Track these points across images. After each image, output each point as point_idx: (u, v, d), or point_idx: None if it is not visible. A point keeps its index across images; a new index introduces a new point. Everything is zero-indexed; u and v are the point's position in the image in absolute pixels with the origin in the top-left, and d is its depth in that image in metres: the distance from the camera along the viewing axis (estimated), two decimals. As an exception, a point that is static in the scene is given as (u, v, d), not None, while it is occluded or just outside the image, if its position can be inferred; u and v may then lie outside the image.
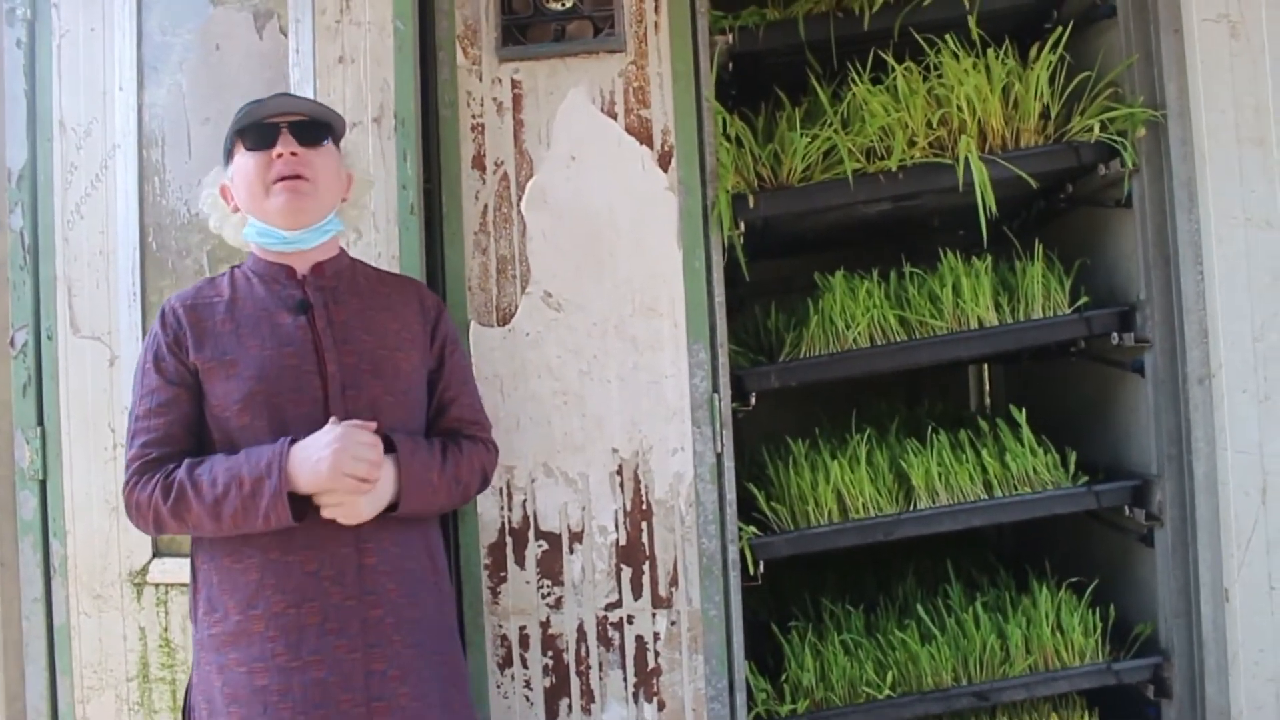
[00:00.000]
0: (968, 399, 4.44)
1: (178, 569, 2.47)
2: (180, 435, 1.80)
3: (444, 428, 1.95)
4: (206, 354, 1.79)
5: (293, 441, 1.72)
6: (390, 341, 1.88)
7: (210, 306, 1.85)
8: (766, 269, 2.77)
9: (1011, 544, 3.42)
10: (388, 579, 1.78)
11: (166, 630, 2.49)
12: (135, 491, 1.76)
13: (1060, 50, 2.55)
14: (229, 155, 1.90)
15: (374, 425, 1.76)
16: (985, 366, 4.19)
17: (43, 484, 2.50)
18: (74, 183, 2.54)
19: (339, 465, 1.67)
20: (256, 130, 1.83)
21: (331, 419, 1.74)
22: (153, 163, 2.52)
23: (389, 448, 1.79)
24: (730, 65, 2.74)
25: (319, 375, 1.79)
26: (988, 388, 4.49)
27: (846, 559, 3.30)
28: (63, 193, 2.55)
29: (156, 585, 2.49)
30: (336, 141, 1.95)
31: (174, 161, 2.52)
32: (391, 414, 1.83)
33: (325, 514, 1.72)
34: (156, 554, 2.48)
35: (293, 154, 1.82)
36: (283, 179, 1.81)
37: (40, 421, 2.50)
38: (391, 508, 1.79)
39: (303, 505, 1.72)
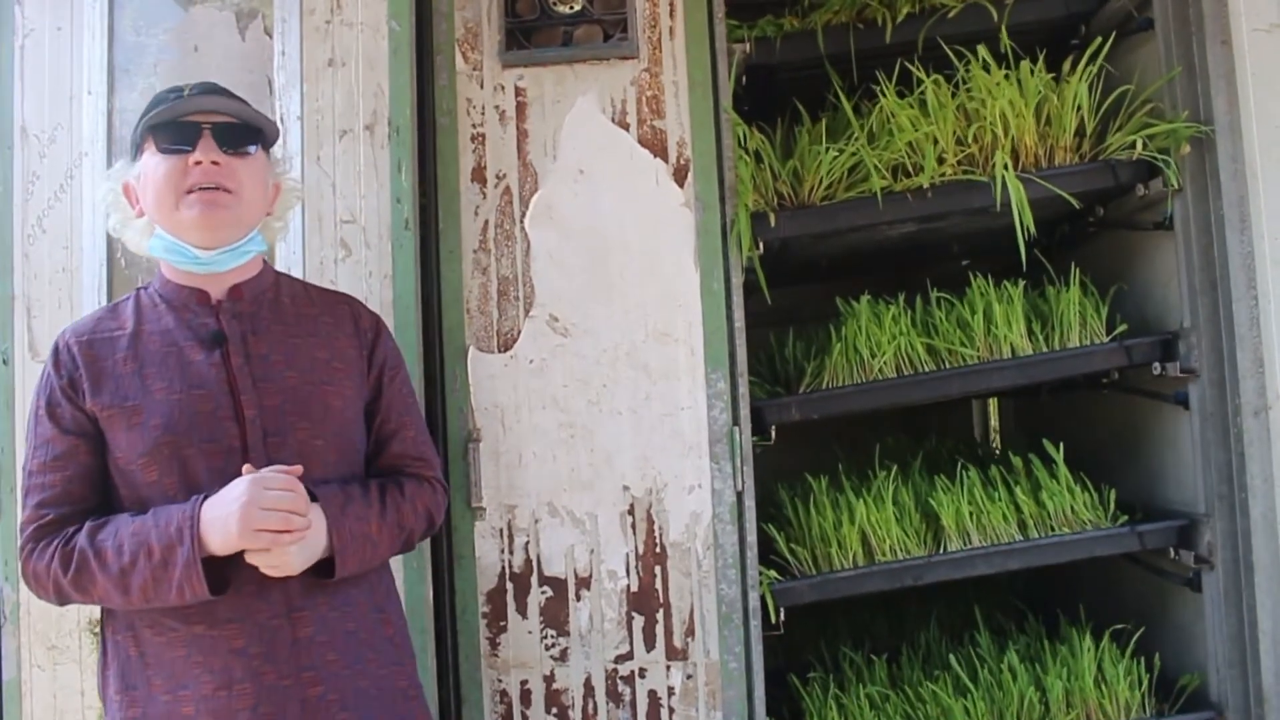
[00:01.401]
0: (971, 433, 4.29)
1: (143, 618, 2.25)
2: (81, 492, 1.54)
3: (384, 466, 1.72)
4: (105, 399, 1.54)
5: (206, 498, 1.49)
6: (318, 374, 1.63)
7: (110, 342, 1.58)
8: (773, 296, 2.60)
9: (1031, 586, 3.24)
10: (327, 649, 1.55)
11: (129, 686, 2.25)
12: (32, 560, 1.52)
13: (1099, 61, 2.41)
14: (138, 149, 1.63)
15: (295, 470, 1.52)
16: (992, 399, 4.04)
17: (-7, 523, 2.27)
18: (36, 194, 2.33)
19: (248, 522, 1.44)
20: (174, 129, 1.58)
21: (246, 467, 1.50)
22: (123, 173, 2.32)
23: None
24: (744, 79, 2.58)
25: (235, 421, 1.55)
26: (993, 421, 4.34)
27: (857, 603, 3.11)
28: (23, 205, 2.33)
29: (118, 636, 2.25)
30: (267, 148, 1.71)
31: (146, 172, 2.32)
32: (322, 459, 1.60)
33: (252, 561, 1.49)
34: (119, 602, 2.24)
35: (214, 163, 1.58)
36: (200, 189, 1.57)
37: (-8, 454, 2.27)
38: (328, 569, 1.56)
39: (221, 576, 1.49)
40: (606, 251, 2.30)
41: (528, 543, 2.29)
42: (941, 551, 2.45)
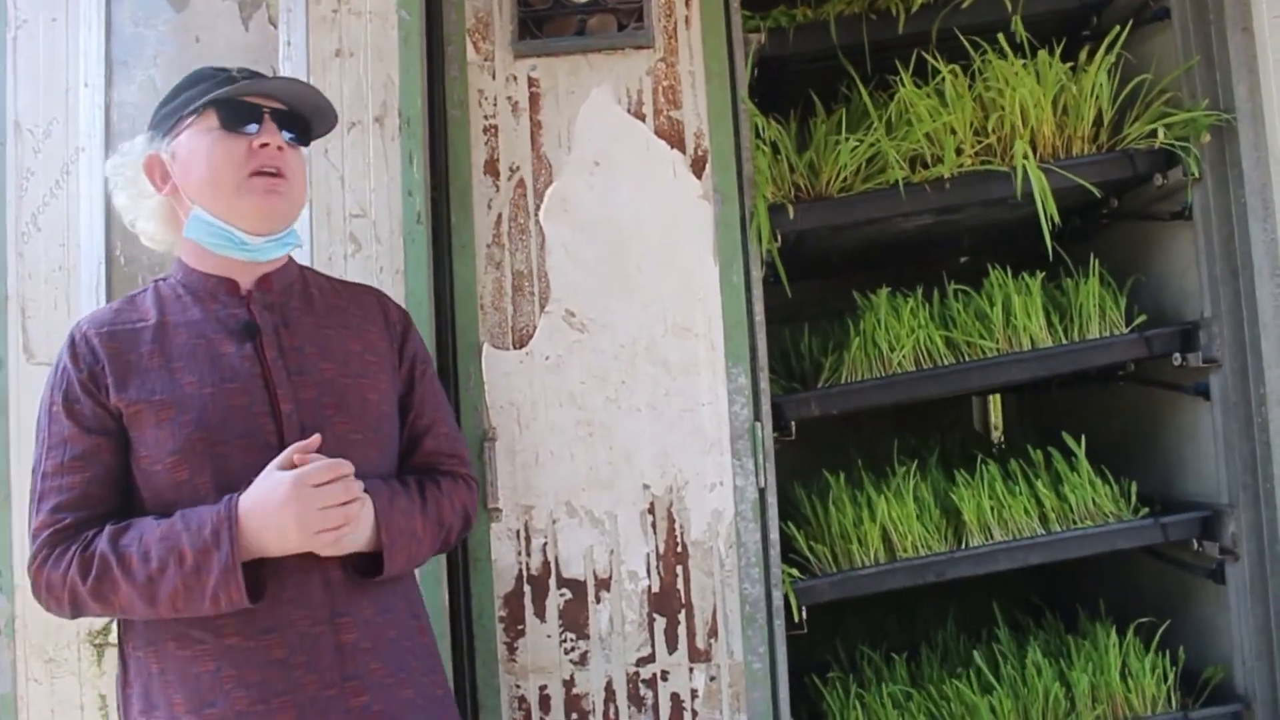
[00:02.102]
0: (972, 429, 4.27)
1: (148, 628, 2.17)
2: (101, 495, 1.44)
3: (417, 464, 1.65)
4: (131, 393, 1.44)
5: (238, 498, 1.40)
6: (353, 367, 1.56)
7: (132, 334, 1.48)
8: (781, 292, 2.57)
9: (1048, 582, 3.22)
10: (371, 657, 1.47)
11: (133, 698, 2.18)
12: (45, 569, 1.41)
13: (1116, 49, 2.39)
14: (170, 123, 1.54)
15: (318, 440, 1.43)
16: (994, 394, 4.02)
17: (-10, 532, 2.19)
18: (30, 190, 2.25)
19: (307, 527, 1.36)
20: (238, 106, 1.51)
21: (271, 465, 1.40)
22: (122, 168, 2.25)
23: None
24: (755, 71, 2.54)
25: (272, 416, 1.47)
26: (993, 417, 4.33)
27: (870, 601, 3.07)
28: (17, 202, 2.25)
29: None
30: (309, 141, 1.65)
31: (146, 166, 2.25)
32: (361, 455, 1.50)
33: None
34: (123, 611, 2.17)
35: (279, 148, 1.52)
36: (262, 174, 1.50)
37: (-12, 460, 2.19)
38: (372, 568, 1.49)
39: (256, 581, 1.40)
40: (624, 244, 2.25)
41: (545, 544, 2.23)
42: (963, 547, 2.41)
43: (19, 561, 2.18)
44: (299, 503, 1.36)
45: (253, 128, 1.50)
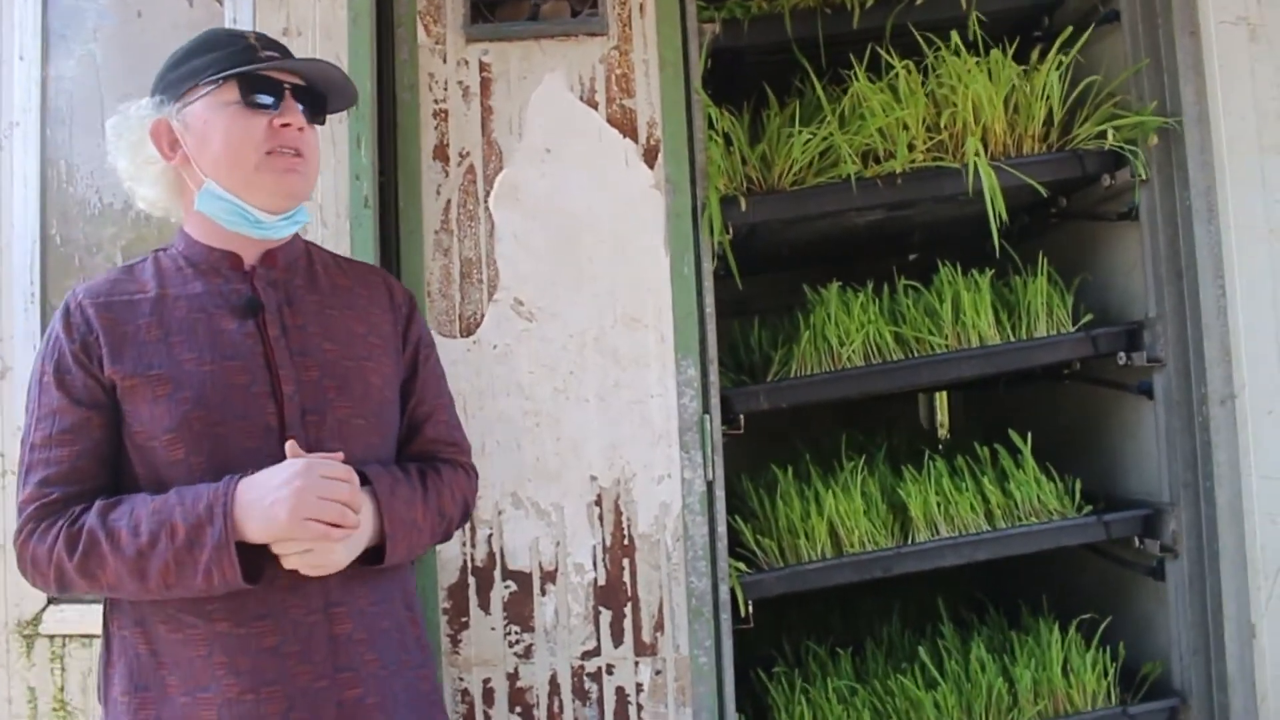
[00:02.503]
0: (918, 426, 4.30)
1: (79, 618, 2.13)
2: (90, 469, 1.39)
3: (416, 451, 1.60)
4: (127, 366, 1.39)
5: (240, 478, 1.36)
6: (356, 349, 1.51)
7: (130, 305, 1.43)
8: (731, 286, 2.55)
9: (992, 578, 3.24)
10: (365, 648, 1.43)
11: (63, 690, 2.13)
12: (31, 542, 1.36)
13: (1073, 53, 2.41)
14: (182, 89, 1.46)
15: (341, 455, 1.40)
16: (940, 392, 4.05)
17: (-87, 518, 2.12)
18: (-39, 166, 2.19)
19: (300, 509, 1.31)
20: (260, 81, 1.45)
21: (289, 444, 1.37)
22: (58, 144, 2.20)
23: (363, 481, 1.44)
24: (709, 62, 2.53)
25: (272, 397, 1.42)
26: (939, 415, 4.36)
27: (813, 596, 3.07)
28: (-53, 177, 2.18)
29: (52, 638, 2.14)
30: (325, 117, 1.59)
31: (84, 144, 2.20)
32: (362, 439, 1.47)
33: (287, 564, 1.36)
34: (53, 600, 2.12)
35: (299, 128, 1.46)
36: (279, 152, 1.44)
37: (-87, 444, 2.13)
38: (371, 557, 1.45)
39: (256, 562, 1.36)
40: (574, 233, 2.23)
41: (491, 535, 2.20)
42: (910, 543, 2.42)
43: (-55, 549, 2.12)
44: (303, 480, 1.32)
45: (273, 105, 1.45)
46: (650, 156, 2.25)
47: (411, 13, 2.26)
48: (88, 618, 2.11)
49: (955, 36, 2.43)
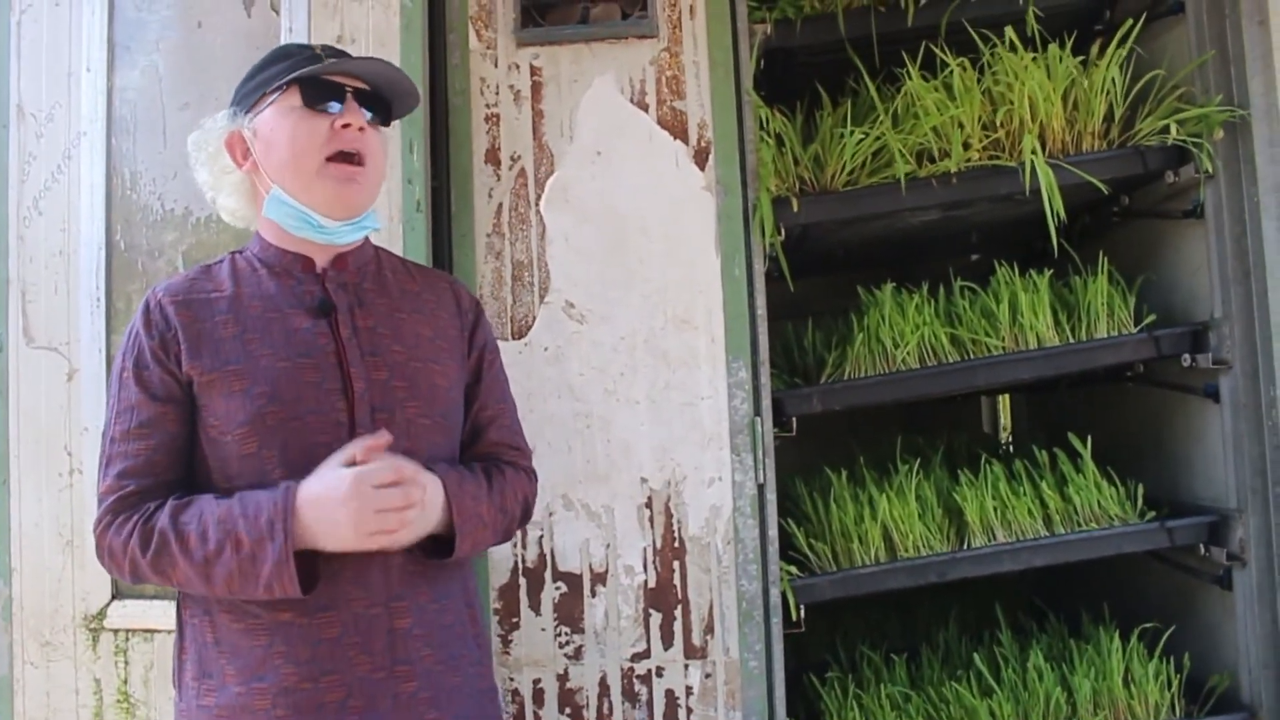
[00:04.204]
0: (980, 428, 4.23)
1: (141, 613, 2.17)
2: (165, 463, 1.43)
3: (479, 454, 1.62)
4: (204, 362, 1.43)
5: (297, 489, 1.38)
6: (424, 352, 1.54)
7: (207, 303, 1.47)
8: (784, 287, 2.54)
9: (1052, 584, 3.18)
10: (423, 644, 1.45)
11: (126, 683, 2.18)
12: (109, 534, 1.41)
13: (1129, 43, 2.35)
14: (253, 100, 1.51)
15: (388, 440, 1.40)
16: (1004, 394, 3.97)
17: (-14, 515, 2.19)
18: (32, 174, 2.26)
19: (362, 527, 1.34)
20: (322, 85, 1.49)
21: (335, 456, 1.39)
22: (123, 152, 2.25)
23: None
24: (762, 62, 2.51)
25: (343, 394, 1.45)
26: (1002, 418, 4.29)
27: (871, 601, 3.04)
28: (19, 186, 2.26)
29: (116, 631, 2.18)
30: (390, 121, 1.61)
31: (147, 151, 2.25)
32: (428, 440, 1.50)
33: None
34: (117, 595, 2.18)
35: (360, 128, 1.49)
36: (343, 159, 1.47)
37: (-15, 443, 2.19)
38: (440, 550, 1.48)
39: (311, 569, 1.39)
40: (625, 236, 2.23)
41: (541, 536, 2.21)
42: (965, 548, 2.38)
43: (16, 546, 2.19)
44: (357, 502, 1.34)
45: (335, 107, 1.48)
46: (701, 158, 2.25)
47: (463, 18, 2.28)
48: (150, 613, 2.16)
49: (1011, 32, 2.38)
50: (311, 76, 1.47)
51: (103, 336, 2.20)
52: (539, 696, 2.20)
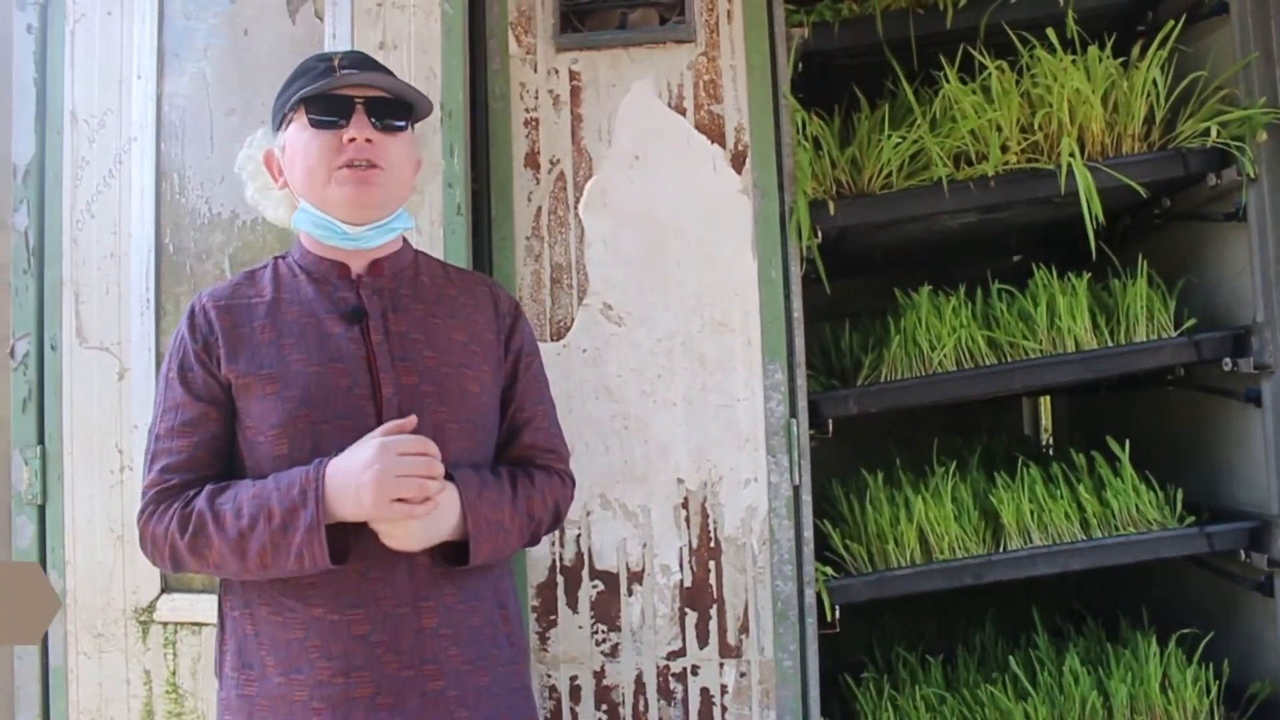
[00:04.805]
0: (1021, 431, 4.20)
1: (189, 606, 2.22)
2: (206, 460, 1.50)
3: (514, 455, 1.65)
4: (241, 366, 1.49)
5: (329, 461, 1.44)
6: (456, 357, 1.57)
7: (248, 308, 1.53)
8: (823, 289, 2.55)
9: (1090, 588, 3.16)
10: (450, 643, 1.49)
11: (175, 674, 2.23)
12: (151, 523, 1.48)
13: (1170, 44, 2.33)
14: (282, 119, 1.58)
15: (415, 421, 1.45)
16: (1044, 396, 3.94)
17: (41, 509, 2.26)
18: (85, 179, 2.32)
19: (383, 490, 1.38)
20: (327, 101, 1.52)
21: (366, 436, 1.44)
22: (172, 157, 2.30)
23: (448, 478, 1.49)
24: (800, 65, 2.52)
25: (372, 399, 1.50)
26: (1043, 420, 4.26)
27: (907, 603, 3.04)
28: (72, 190, 2.32)
29: (165, 624, 2.24)
30: (415, 123, 1.63)
31: (195, 156, 2.30)
32: (455, 445, 1.53)
33: (375, 526, 1.44)
34: (166, 589, 2.23)
35: (367, 140, 1.52)
36: (350, 166, 1.51)
37: (41, 440, 2.26)
38: (458, 557, 1.51)
39: (343, 544, 1.44)
40: (662, 239, 2.26)
41: (579, 535, 2.24)
42: (1002, 550, 2.38)
43: (70, 540, 2.25)
44: (381, 463, 1.38)
45: (341, 122, 1.51)
46: (738, 161, 2.26)
47: (503, 24, 2.31)
48: (198, 606, 2.22)
49: (1051, 33, 2.37)
50: (318, 94, 1.51)
51: (152, 337, 2.26)
52: (576, 693, 2.23)
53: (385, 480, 1.38)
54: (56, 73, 2.35)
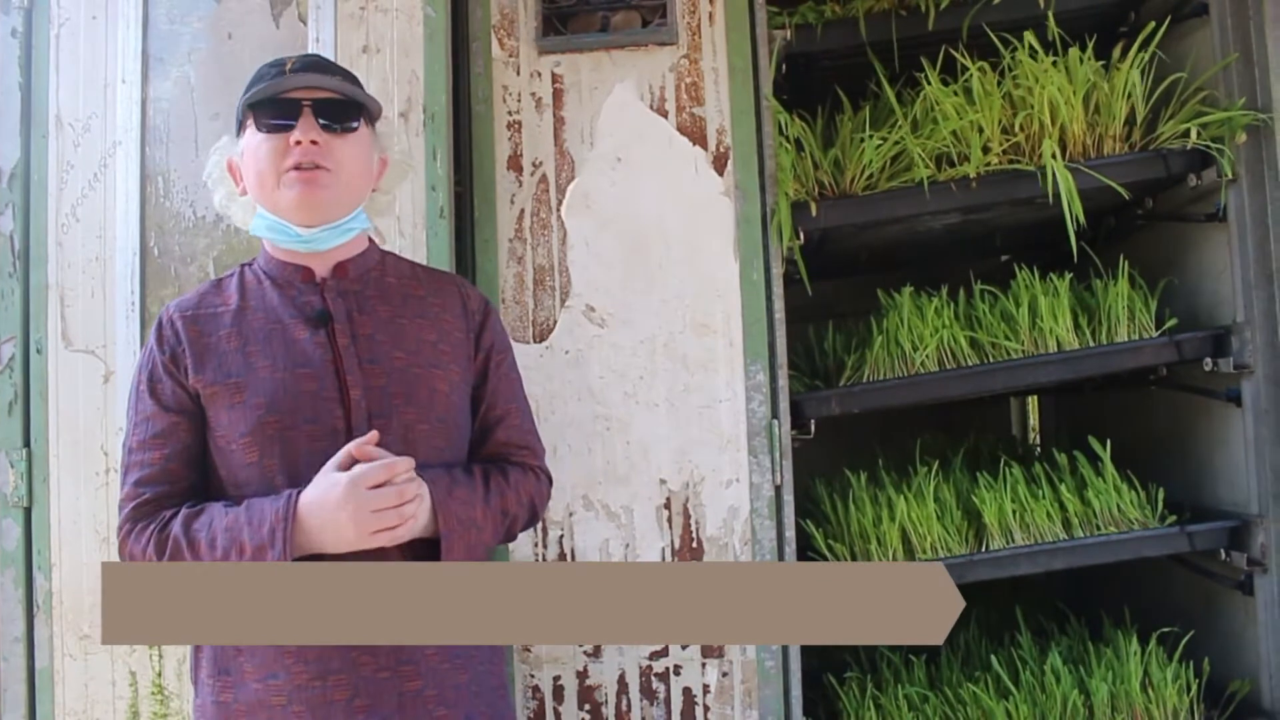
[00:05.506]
0: (1009, 430, 4.21)
1: (174, 609, 2.23)
2: (179, 471, 1.50)
3: (488, 453, 1.65)
4: (208, 376, 1.50)
5: (298, 497, 1.44)
6: (425, 357, 1.57)
7: (214, 318, 1.54)
8: (804, 290, 2.56)
9: (1073, 587, 3.17)
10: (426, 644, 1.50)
11: (160, 676, 2.24)
12: (129, 542, 1.49)
13: (1152, 47, 2.34)
14: (240, 126, 1.58)
15: (376, 437, 1.45)
16: (1032, 396, 3.96)
17: (28, 511, 2.26)
18: (70, 183, 2.32)
19: (362, 527, 1.40)
20: (274, 106, 1.52)
21: (329, 464, 1.44)
22: (156, 161, 2.31)
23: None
24: (783, 67, 2.53)
25: (340, 402, 1.50)
26: (1032, 420, 4.27)
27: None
28: (57, 193, 2.33)
29: (150, 627, 2.24)
30: (371, 123, 1.63)
31: (179, 160, 2.31)
32: (427, 445, 1.54)
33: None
34: (151, 592, 2.23)
35: (313, 142, 1.51)
36: (298, 168, 1.50)
37: (27, 442, 2.27)
38: (431, 555, 1.51)
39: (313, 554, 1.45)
40: (644, 241, 2.27)
41: (562, 536, 2.25)
42: (984, 550, 2.39)
43: (56, 542, 2.26)
44: (354, 504, 1.39)
45: (289, 124, 1.51)
46: (720, 164, 2.27)
47: (485, 27, 2.32)
48: (183, 609, 2.23)
49: (1031, 36, 2.39)
50: (263, 99, 1.51)
51: (137, 340, 2.26)
52: (559, 693, 2.24)
53: (361, 518, 1.40)
54: (41, 77, 2.35)
